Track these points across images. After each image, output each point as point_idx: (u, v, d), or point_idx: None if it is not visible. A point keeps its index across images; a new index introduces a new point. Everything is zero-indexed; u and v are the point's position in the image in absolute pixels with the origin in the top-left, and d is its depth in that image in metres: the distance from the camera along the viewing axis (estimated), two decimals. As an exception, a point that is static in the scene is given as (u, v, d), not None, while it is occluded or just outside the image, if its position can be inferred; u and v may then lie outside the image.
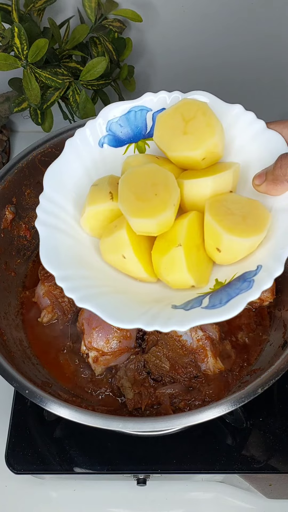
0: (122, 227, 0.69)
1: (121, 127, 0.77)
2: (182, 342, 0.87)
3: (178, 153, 0.70)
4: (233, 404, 0.71)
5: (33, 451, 0.88)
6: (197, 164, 0.71)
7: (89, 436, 0.89)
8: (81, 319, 0.89)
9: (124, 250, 0.69)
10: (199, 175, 0.70)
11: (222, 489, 0.96)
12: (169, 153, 0.71)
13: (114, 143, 0.78)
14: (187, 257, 0.66)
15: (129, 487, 0.96)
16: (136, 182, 0.68)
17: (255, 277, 0.64)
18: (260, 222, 0.66)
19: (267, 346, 0.89)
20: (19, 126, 1.44)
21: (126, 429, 0.71)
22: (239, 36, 1.20)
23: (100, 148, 0.77)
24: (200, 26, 1.18)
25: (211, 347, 0.87)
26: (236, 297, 0.62)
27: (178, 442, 0.89)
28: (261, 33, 1.18)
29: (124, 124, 0.77)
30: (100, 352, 0.85)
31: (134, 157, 0.76)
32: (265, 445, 0.88)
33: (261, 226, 0.65)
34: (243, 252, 0.67)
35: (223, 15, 1.15)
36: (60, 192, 0.75)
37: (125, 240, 0.68)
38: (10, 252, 0.96)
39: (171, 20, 1.17)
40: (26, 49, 0.97)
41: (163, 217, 0.66)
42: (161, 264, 0.68)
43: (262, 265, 0.65)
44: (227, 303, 0.62)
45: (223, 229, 0.65)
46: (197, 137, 0.68)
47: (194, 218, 0.69)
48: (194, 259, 0.68)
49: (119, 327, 0.84)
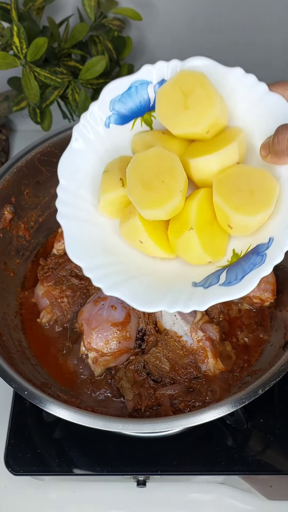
0: (135, 214, 0.70)
1: (124, 104, 0.77)
2: (182, 343, 0.86)
3: (181, 130, 0.71)
4: (234, 405, 0.71)
5: (32, 452, 0.87)
6: (202, 137, 0.72)
7: (88, 437, 0.89)
8: (80, 320, 0.88)
9: (140, 236, 0.71)
10: (205, 151, 0.70)
11: (222, 490, 0.96)
12: (173, 130, 0.72)
13: (120, 121, 0.78)
14: (200, 238, 0.68)
15: (129, 489, 0.96)
16: (142, 170, 0.69)
17: (267, 250, 0.66)
18: (268, 195, 0.66)
19: (268, 347, 0.89)
20: (18, 125, 1.44)
21: (126, 431, 0.71)
22: (240, 36, 1.19)
23: (107, 129, 0.77)
24: (200, 24, 1.18)
25: (212, 347, 0.86)
26: (250, 273, 0.64)
27: (178, 443, 0.88)
28: (262, 33, 1.18)
29: (126, 101, 0.77)
30: (100, 352, 0.85)
31: (140, 136, 0.77)
32: (265, 446, 0.88)
33: (269, 200, 0.66)
34: (254, 226, 0.68)
35: (223, 14, 1.15)
36: (76, 181, 0.75)
37: (139, 227, 0.70)
38: (9, 252, 0.96)
39: (171, 19, 1.17)
40: (25, 48, 0.97)
41: (170, 205, 0.67)
42: (178, 245, 0.70)
43: (274, 238, 0.66)
44: (242, 279, 0.64)
45: (231, 209, 0.66)
46: (197, 111, 0.68)
47: (203, 198, 0.70)
48: (208, 237, 0.69)
49: (118, 328, 0.84)
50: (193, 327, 0.87)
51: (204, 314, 0.90)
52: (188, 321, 0.88)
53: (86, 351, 0.86)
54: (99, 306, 0.87)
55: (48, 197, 1.03)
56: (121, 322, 0.86)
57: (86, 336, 0.86)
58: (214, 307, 0.92)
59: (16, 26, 0.95)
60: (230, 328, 0.92)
